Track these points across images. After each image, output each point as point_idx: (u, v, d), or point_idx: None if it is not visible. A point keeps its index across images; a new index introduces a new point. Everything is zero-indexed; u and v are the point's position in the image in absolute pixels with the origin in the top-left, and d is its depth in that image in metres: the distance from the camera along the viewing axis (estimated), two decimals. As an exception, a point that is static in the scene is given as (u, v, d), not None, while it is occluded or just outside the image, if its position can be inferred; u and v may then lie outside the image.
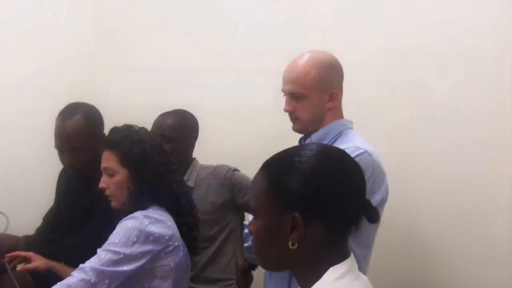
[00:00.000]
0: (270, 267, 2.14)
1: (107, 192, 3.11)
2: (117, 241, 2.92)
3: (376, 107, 3.78)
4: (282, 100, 3.17)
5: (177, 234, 3.09)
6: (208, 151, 4.02)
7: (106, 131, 3.37)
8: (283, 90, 3.15)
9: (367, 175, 2.22)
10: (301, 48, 3.18)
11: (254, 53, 4.37)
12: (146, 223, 2.96)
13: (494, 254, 3.50)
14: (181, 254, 3.09)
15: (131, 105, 4.55)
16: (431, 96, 3.67)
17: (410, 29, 3.71)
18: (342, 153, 2.00)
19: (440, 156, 3.63)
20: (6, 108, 4.51)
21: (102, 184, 3.11)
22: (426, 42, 3.67)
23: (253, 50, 4.38)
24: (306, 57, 3.11)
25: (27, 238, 3.71)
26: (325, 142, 3.02)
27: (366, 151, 2.93)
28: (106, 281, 2.88)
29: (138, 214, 3.01)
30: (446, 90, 3.61)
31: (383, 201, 3.02)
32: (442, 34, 3.63)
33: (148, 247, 2.95)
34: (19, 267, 3.40)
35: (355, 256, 1.98)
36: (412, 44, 3.73)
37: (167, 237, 3.01)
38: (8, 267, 3.48)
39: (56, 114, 3.58)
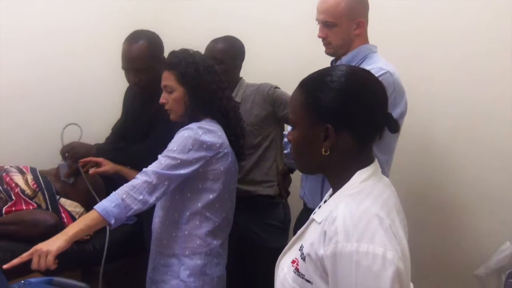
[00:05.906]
0: (306, 170, 2.20)
1: (166, 107, 3.14)
2: (175, 148, 2.96)
3: (397, 34, 3.74)
4: (316, 27, 3.18)
5: (227, 142, 3.13)
6: (253, 72, 4.02)
7: (166, 54, 3.37)
8: (317, 19, 3.17)
9: (389, 92, 2.23)
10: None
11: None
12: (200, 133, 3.00)
13: (498, 162, 3.51)
14: (230, 159, 3.14)
15: (187, 31, 4.54)
16: (444, 25, 3.62)
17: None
18: (368, 73, 2.02)
19: (453, 77, 3.61)
20: (83, 38, 4.56)
21: (162, 100, 3.13)
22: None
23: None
24: (337, -10, 3.11)
25: (98, 146, 3.79)
26: (353, 64, 3.04)
27: (388, 71, 2.95)
28: (166, 183, 2.94)
29: (193, 125, 3.04)
30: (458, 21, 3.57)
31: (403, 114, 3.04)
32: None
33: (202, 153, 3.00)
34: (91, 170, 3.52)
35: (379, 161, 2.02)
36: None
37: (218, 145, 3.05)
38: (82, 170, 3.61)
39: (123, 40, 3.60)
